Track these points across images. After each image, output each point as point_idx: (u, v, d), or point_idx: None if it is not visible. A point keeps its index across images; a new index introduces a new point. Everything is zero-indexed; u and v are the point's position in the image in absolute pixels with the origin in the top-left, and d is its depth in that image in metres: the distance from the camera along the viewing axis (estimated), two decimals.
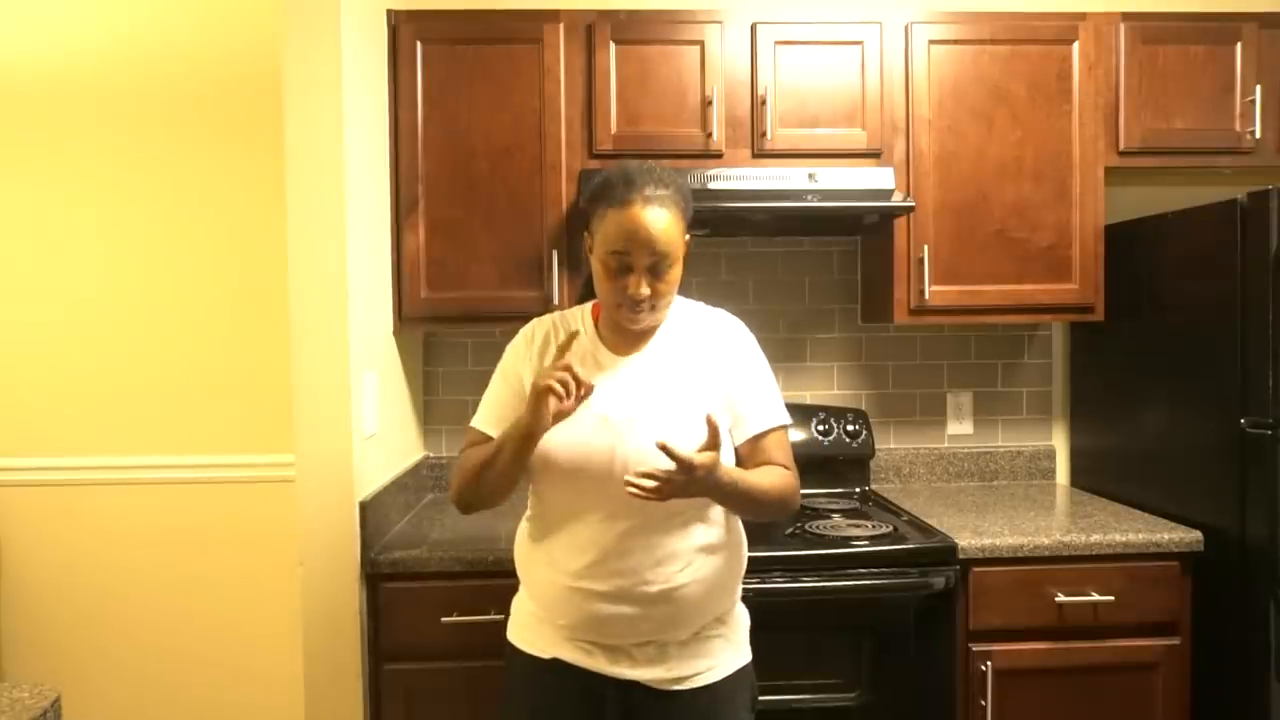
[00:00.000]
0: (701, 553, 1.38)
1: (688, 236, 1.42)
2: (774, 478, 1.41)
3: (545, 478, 1.40)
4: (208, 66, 2.48)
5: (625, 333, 1.45)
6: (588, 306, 1.52)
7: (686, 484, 1.25)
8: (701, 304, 1.54)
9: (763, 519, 1.50)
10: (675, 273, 1.38)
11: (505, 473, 1.37)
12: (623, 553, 1.34)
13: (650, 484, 1.24)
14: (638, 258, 1.34)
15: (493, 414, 1.47)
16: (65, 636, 2.52)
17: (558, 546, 1.39)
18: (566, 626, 1.39)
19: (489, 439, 1.44)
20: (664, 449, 1.22)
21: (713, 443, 1.26)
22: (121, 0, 2.47)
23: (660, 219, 1.34)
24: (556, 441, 1.36)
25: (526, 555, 1.46)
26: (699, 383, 1.42)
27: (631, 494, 1.24)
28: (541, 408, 1.27)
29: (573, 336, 1.31)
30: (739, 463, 1.44)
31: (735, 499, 1.37)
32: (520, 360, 1.48)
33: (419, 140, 2.17)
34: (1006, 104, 2.24)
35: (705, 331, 1.48)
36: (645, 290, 1.35)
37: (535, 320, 1.53)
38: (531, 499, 1.48)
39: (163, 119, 2.49)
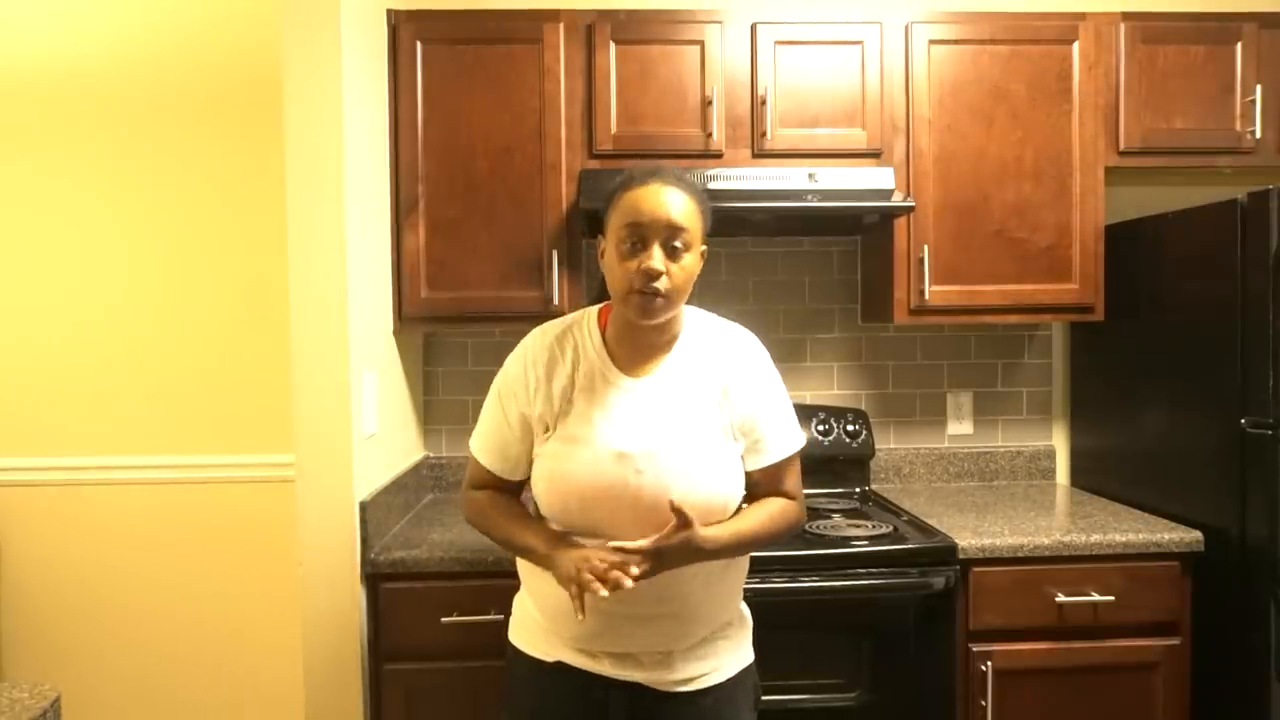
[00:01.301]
0: (708, 566, 1.35)
1: (704, 247, 1.37)
2: (767, 515, 1.39)
3: (557, 505, 1.36)
4: (207, 67, 2.48)
5: (636, 348, 1.39)
6: (594, 312, 1.45)
7: (658, 565, 1.26)
8: (715, 316, 1.48)
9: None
10: (691, 262, 1.32)
11: (523, 556, 1.42)
12: None
13: (627, 581, 1.24)
14: (653, 230, 1.29)
15: (491, 444, 1.44)
16: (65, 636, 2.52)
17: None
18: (572, 637, 1.38)
19: (491, 475, 1.45)
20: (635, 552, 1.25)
21: (683, 524, 1.25)
22: (121, 1, 2.48)
23: (679, 199, 1.31)
24: (570, 473, 1.33)
25: (531, 566, 1.43)
26: (712, 410, 1.37)
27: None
28: (567, 581, 1.28)
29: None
30: (751, 487, 1.41)
31: (727, 553, 1.35)
32: (520, 384, 1.40)
33: (419, 140, 2.17)
34: (1006, 104, 2.24)
35: (719, 351, 1.41)
36: (660, 264, 1.28)
37: (537, 331, 1.44)
38: (535, 514, 1.45)
39: (162, 119, 2.49)
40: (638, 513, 1.30)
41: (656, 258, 1.29)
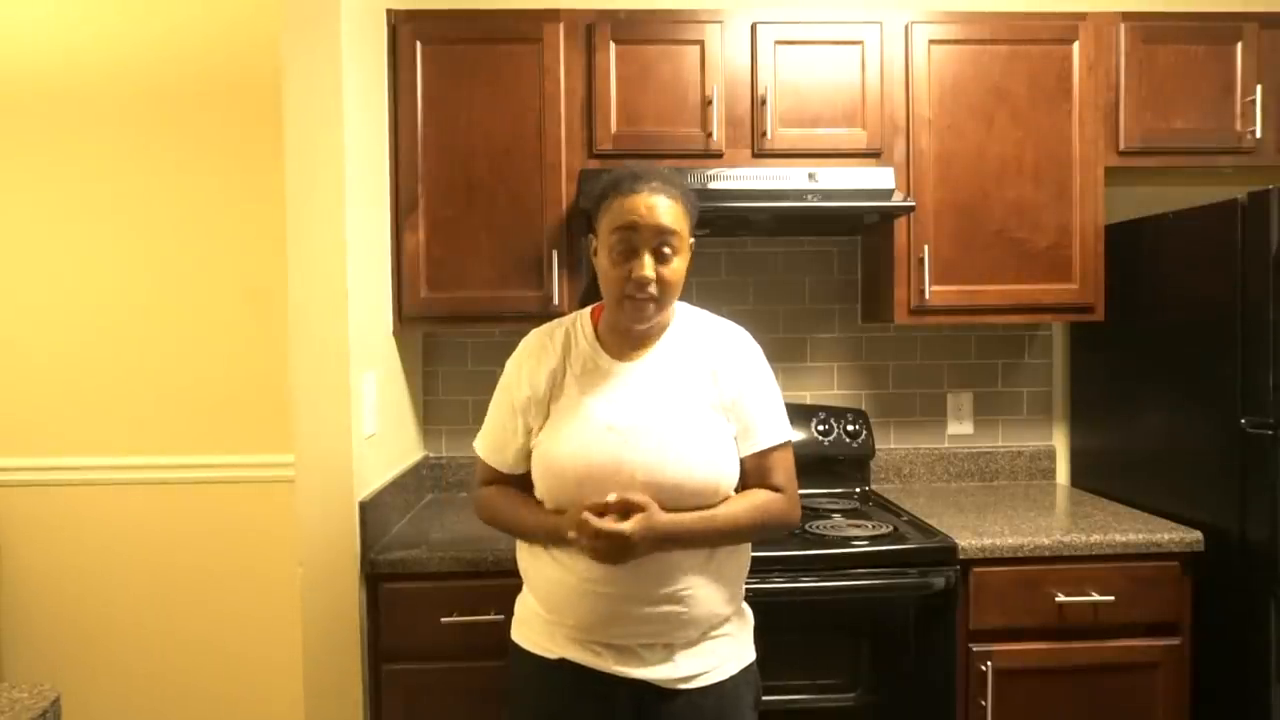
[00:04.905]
0: (708, 555, 1.37)
1: (691, 240, 1.41)
2: (751, 505, 1.40)
3: (552, 486, 1.39)
4: (207, 67, 2.48)
5: (626, 337, 1.43)
6: (586, 311, 1.51)
7: (622, 550, 1.28)
8: (707, 312, 1.52)
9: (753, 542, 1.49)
10: (680, 264, 1.38)
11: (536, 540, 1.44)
12: None
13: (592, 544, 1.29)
14: (643, 236, 1.34)
15: (492, 442, 1.50)
16: (65, 636, 2.52)
17: (563, 549, 1.38)
18: (574, 627, 1.38)
19: (495, 471, 1.49)
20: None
21: (636, 508, 1.29)
22: (120, 1, 2.48)
23: (667, 204, 1.36)
24: (562, 451, 1.37)
25: (531, 556, 1.45)
26: (702, 391, 1.40)
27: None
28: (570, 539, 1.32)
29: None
30: (744, 475, 1.43)
31: (700, 542, 1.36)
32: (523, 378, 1.45)
33: (419, 140, 2.17)
34: (1007, 104, 2.24)
35: (710, 340, 1.46)
36: (650, 272, 1.33)
37: (533, 332, 1.51)
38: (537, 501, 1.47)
39: (162, 119, 2.48)
40: (634, 490, 1.32)
41: (647, 266, 1.34)
